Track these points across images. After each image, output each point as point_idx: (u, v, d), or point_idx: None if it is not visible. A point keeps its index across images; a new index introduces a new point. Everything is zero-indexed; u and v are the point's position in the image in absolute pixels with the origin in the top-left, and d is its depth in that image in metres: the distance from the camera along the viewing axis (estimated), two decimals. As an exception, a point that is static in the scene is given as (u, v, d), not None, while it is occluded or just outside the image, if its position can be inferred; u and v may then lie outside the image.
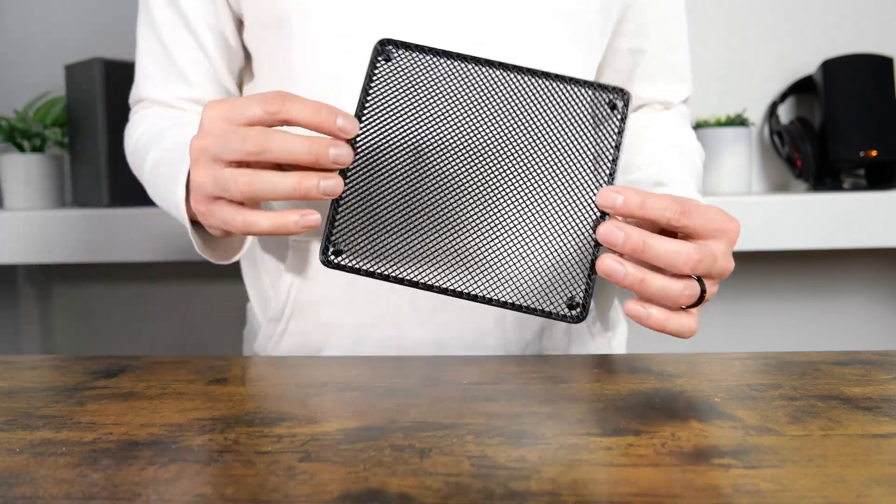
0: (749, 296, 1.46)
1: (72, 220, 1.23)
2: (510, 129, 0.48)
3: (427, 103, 0.48)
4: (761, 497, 0.31)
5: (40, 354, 0.62)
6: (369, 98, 0.48)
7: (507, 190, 0.48)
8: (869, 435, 0.38)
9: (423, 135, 0.48)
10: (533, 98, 0.49)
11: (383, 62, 0.48)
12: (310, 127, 0.47)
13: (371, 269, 0.47)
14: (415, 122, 0.48)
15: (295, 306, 0.69)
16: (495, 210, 0.48)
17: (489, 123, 0.48)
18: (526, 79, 0.49)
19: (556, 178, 0.48)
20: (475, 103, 0.49)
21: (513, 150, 0.48)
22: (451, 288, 0.47)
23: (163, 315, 1.54)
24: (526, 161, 0.48)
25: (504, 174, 0.48)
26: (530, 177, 0.48)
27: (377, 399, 0.46)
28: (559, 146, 0.48)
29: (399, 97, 0.48)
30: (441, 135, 0.48)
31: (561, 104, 0.49)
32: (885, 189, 1.23)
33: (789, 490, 0.31)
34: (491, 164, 0.48)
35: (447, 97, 0.48)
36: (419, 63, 0.49)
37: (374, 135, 0.48)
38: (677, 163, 0.67)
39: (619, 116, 0.48)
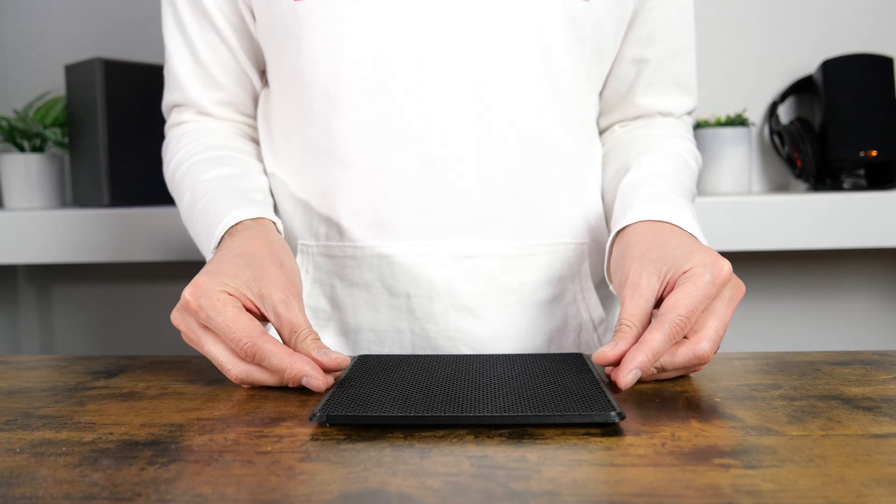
0: (749, 296, 1.46)
1: (72, 220, 1.22)
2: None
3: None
4: (761, 497, 0.31)
5: (40, 354, 0.62)
6: None
7: None
8: (869, 435, 0.38)
9: None
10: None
11: None
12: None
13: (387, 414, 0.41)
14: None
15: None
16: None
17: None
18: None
19: None
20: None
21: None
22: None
23: (163, 315, 1.54)
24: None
25: None
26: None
27: (377, 399, 0.46)
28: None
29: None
30: None
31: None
32: (885, 189, 1.23)
33: (789, 490, 0.31)
34: None
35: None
36: None
37: None
38: (670, 176, 0.66)
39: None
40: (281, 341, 0.49)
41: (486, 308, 0.66)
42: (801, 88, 1.37)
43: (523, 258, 0.66)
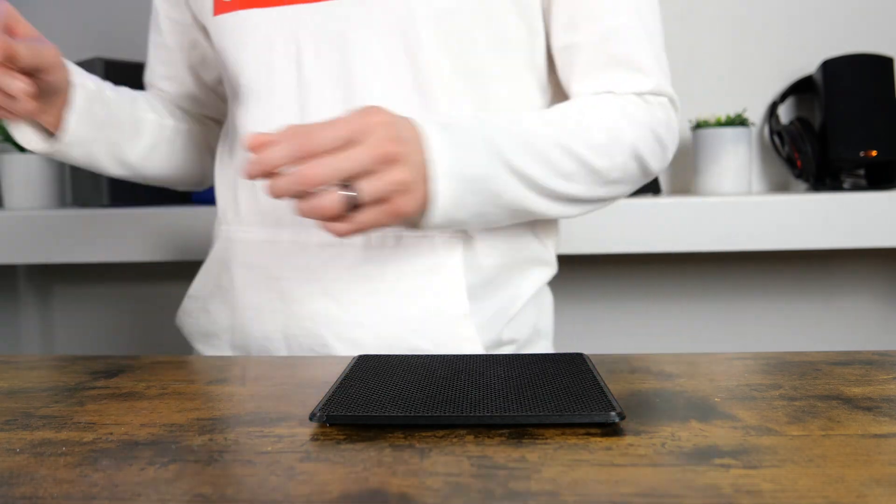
0: (749, 296, 1.46)
1: (72, 220, 1.23)
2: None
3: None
4: (761, 497, 0.31)
5: (40, 354, 0.63)
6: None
7: None
8: (869, 435, 0.38)
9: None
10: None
11: None
12: None
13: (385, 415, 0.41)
14: None
15: (215, 288, 0.76)
16: None
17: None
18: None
19: None
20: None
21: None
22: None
23: (163, 315, 1.54)
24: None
25: None
26: None
27: (377, 399, 0.46)
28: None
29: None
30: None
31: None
32: (885, 189, 1.23)
33: (789, 490, 0.31)
34: None
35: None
36: None
37: None
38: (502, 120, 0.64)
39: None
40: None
41: (348, 294, 0.68)
42: (801, 88, 1.37)
43: (386, 249, 0.67)
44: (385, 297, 0.68)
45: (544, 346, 0.78)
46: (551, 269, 0.77)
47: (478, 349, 0.68)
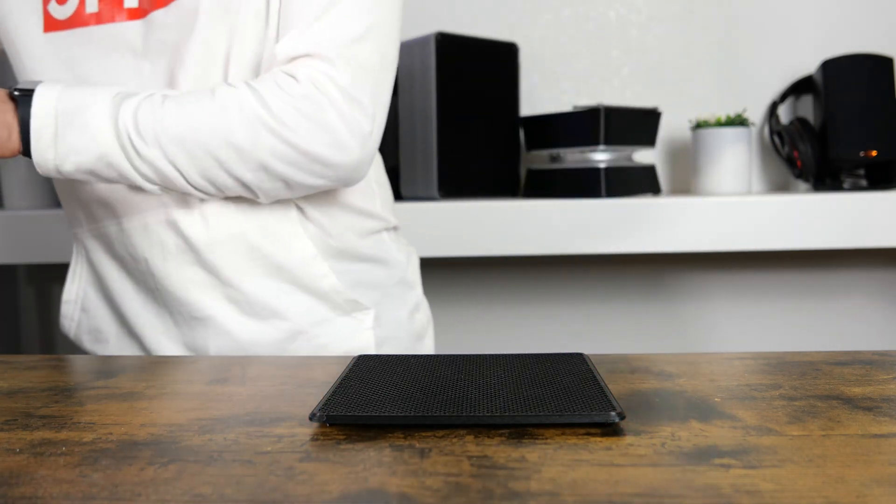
0: (749, 296, 1.46)
1: (72, 220, 1.22)
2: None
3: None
4: (761, 497, 0.31)
5: (40, 354, 0.63)
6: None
7: None
8: (869, 435, 0.38)
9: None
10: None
11: None
12: None
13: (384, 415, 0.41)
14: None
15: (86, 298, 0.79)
16: None
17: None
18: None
19: None
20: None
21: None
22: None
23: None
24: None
25: None
26: None
27: (377, 399, 0.46)
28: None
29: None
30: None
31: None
32: (885, 189, 1.23)
33: (789, 490, 0.31)
34: None
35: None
36: None
37: None
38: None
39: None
40: None
41: (221, 258, 0.70)
42: (801, 88, 1.37)
43: (229, 216, 0.70)
44: (239, 255, 0.71)
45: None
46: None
47: (310, 247, 0.72)
